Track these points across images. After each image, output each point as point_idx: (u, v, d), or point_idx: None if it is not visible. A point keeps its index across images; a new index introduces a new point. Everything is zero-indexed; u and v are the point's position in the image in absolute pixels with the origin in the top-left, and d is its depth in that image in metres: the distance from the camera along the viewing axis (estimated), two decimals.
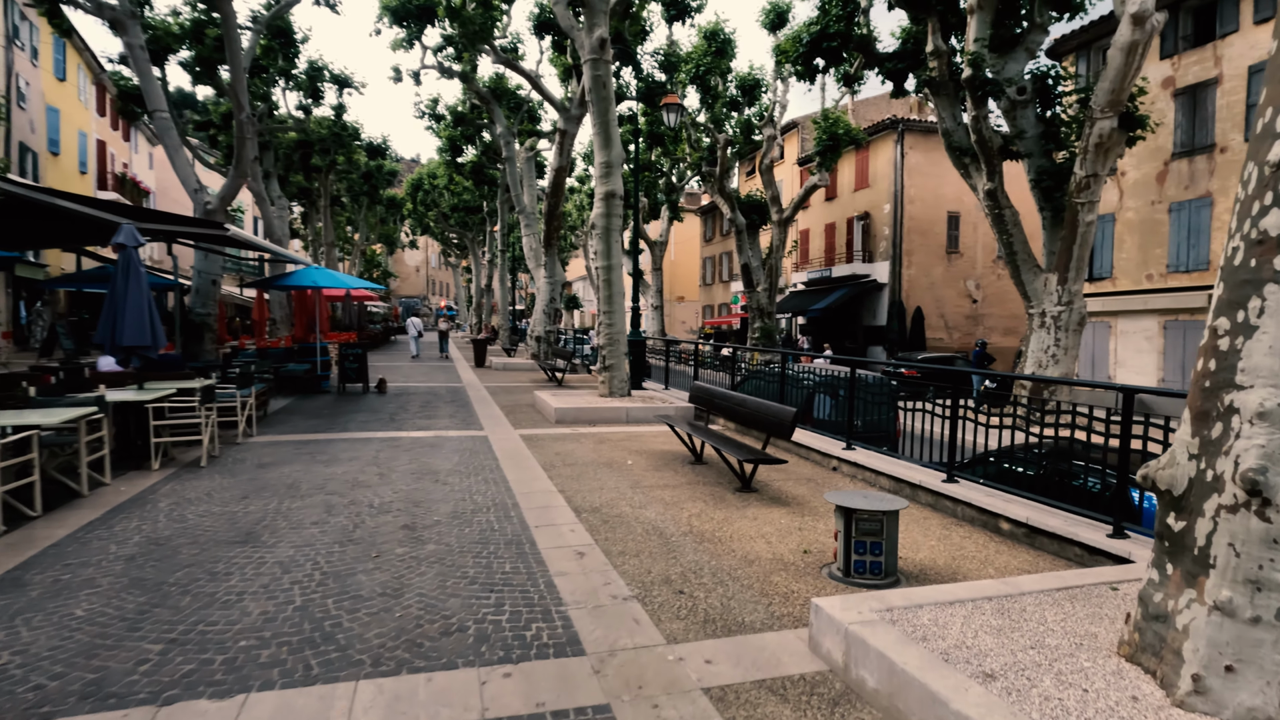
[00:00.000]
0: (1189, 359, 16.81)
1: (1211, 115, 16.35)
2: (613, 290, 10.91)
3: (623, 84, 18.79)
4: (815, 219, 33.48)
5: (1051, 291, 15.23)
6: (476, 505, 5.56)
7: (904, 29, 17.69)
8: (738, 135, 26.97)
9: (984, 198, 15.86)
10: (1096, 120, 13.57)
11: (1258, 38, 15.48)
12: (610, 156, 10.75)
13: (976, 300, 29.56)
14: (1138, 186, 17.96)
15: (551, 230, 19.57)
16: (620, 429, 9.53)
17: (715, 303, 45.62)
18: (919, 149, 28.20)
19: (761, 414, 6.25)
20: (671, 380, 13.55)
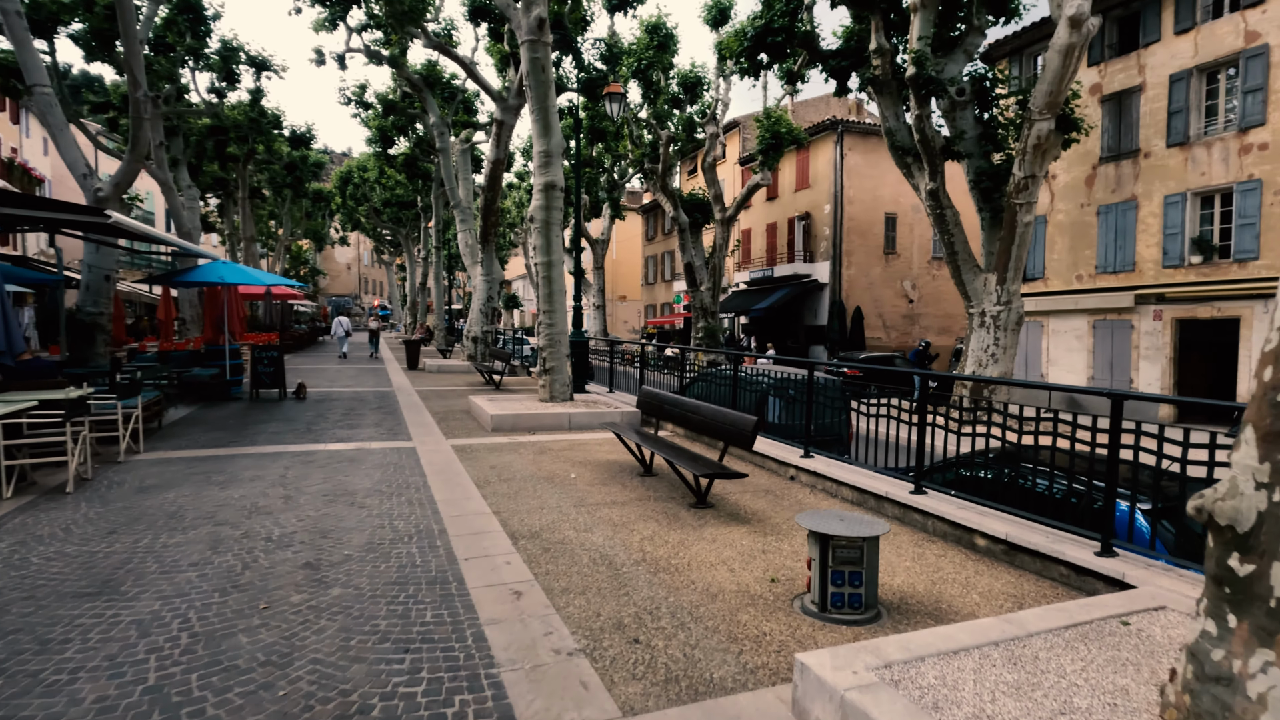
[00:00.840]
0: (1116, 357, 17.36)
1: (1136, 121, 16.89)
2: (553, 288, 10.24)
3: (563, 74, 18.08)
4: (757, 218, 33.52)
5: (991, 291, 15.39)
6: (397, 534, 4.83)
7: (846, 28, 17.62)
8: (680, 132, 26.61)
9: (926, 197, 15.90)
10: (1035, 122, 13.71)
11: (1178, 47, 16.06)
12: (549, 145, 10.07)
13: (913, 300, 30.14)
14: (1068, 190, 18.45)
15: (488, 226, 18.67)
16: (562, 437, 8.87)
17: (658, 302, 45.31)
18: (858, 150, 28.51)
19: (718, 422, 5.73)
20: (616, 383, 12.97)
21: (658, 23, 22.62)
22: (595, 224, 43.59)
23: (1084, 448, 4.36)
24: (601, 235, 34.72)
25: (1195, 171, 15.69)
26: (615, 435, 6.58)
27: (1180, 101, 15.98)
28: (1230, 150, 15.04)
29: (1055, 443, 4.58)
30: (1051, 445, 4.62)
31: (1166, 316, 16.28)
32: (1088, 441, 4.31)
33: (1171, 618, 3.16)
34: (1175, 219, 16.07)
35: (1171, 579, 3.69)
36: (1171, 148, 16.16)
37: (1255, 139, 14.63)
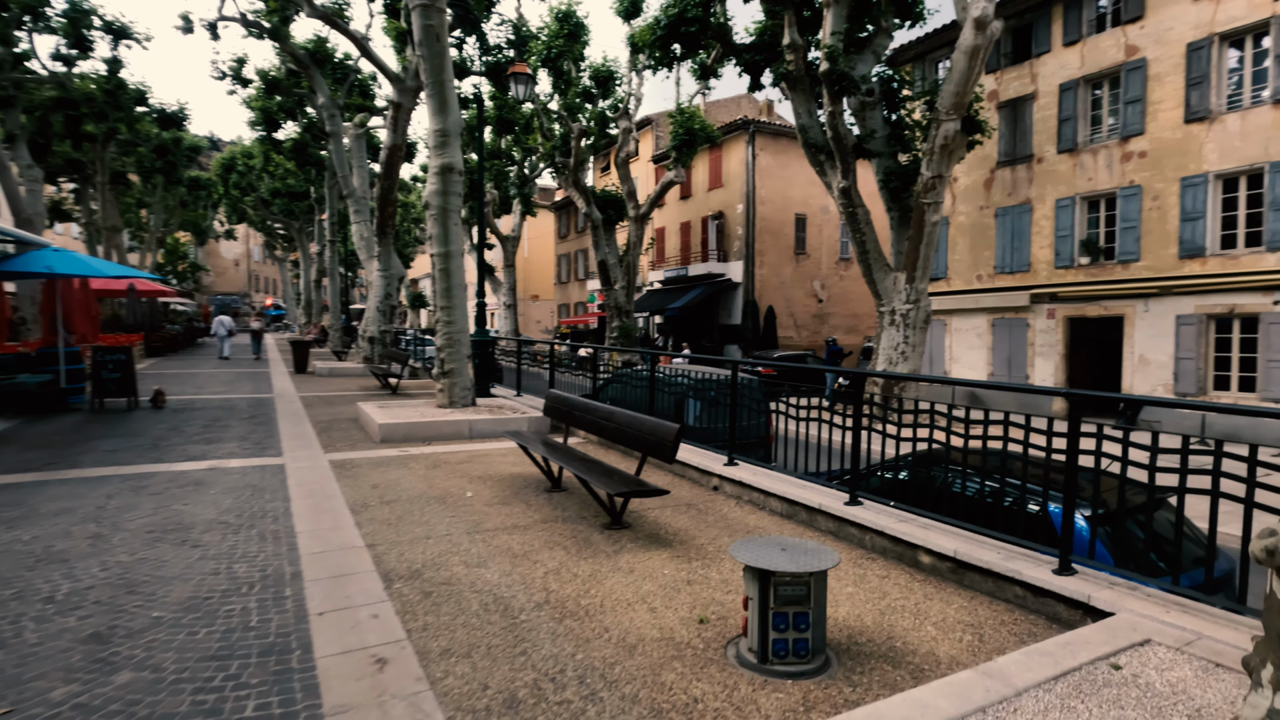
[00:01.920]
0: (1014, 354, 18.05)
1: (1030, 128, 17.61)
2: (451, 282, 9.26)
3: (466, 57, 16.95)
4: (671, 217, 33.27)
5: (901, 290, 15.54)
6: (235, 582, 3.84)
7: (759, 24, 17.43)
8: (593, 127, 25.87)
9: (839, 195, 15.89)
10: (942, 122, 13.88)
11: (1067, 58, 16.83)
12: (446, 124, 9.09)
13: (822, 300, 30.72)
14: (968, 192, 19.06)
15: (385, 217, 17.27)
16: (461, 448, 7.94)
17: (571, 301, 44.39)
18: (769, 151, 28.73)
19: (635, 430, 5.04)
20: (525, 385, 12.08)
21: (569, 11, 21.79)
22: (506, 220, 42.16)
23: (1014, 449, 3.97)
24: (512, 232, 33.48)
25: (1083, 177, 16.49)
26: (521, 447, 5.78)
27: (1069, 110, 16.76)
28: (1114, 157, 15.87)
29: (979, 443, 4.20)
30: (989, 448, 4.23)
31: (1059, 315, 17.04)
32: (1020, 441, 3.94)
33: (1162, 655, 2.72)
34: (1066, 222, 16.84)
35: (1139, 600, 3.30)
36: (1062, 154, 16.92)
37: (1135, 147, 15.48)
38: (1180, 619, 3.07)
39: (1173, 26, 14.86)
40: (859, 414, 4.93)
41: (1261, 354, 13.65)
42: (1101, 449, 3.64)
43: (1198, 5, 14.47)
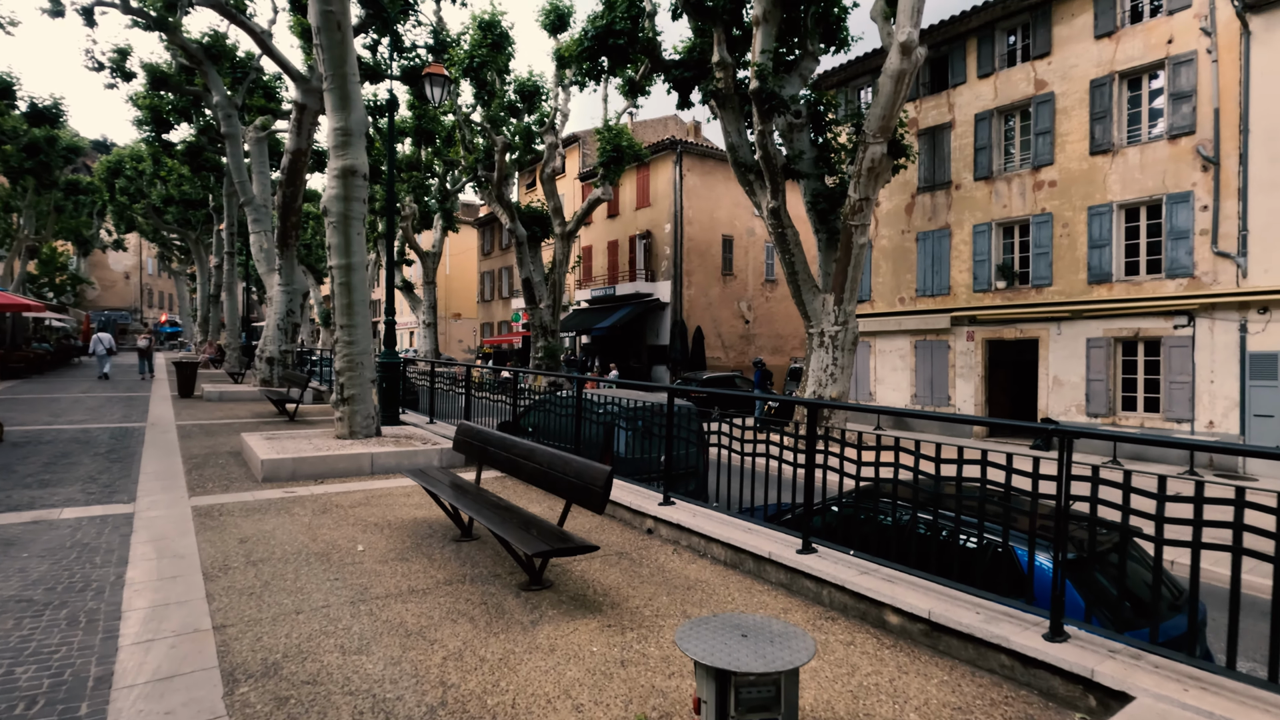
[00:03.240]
0: (936, 375, 18.36)
1: (948, 155, 18.11)
2: (353, 298, 8.26)
3: (380, 59, 15.89)
4: (598, 235, 32.75)
5: (829, 311, 15.45)
6: (7, 699, 2.84)
7: (687, 42, 17.23)
8: (518, 141, 25.09)
9: (768, 215, 15.72)
10: (869, 145, 13.91)
11: (981, 90, 17.43)
12: (349, 121, 8.16)
13: (749, 321, 30.83)
14: (890, 216, 19.41)
15: (288, 227, 15.87)
16: (359, 486, 6.95)
17: (495, 320, 43.05)
18: (696, 172, 28.73)
19: (559, 472, 4.30)
20: (440, 410, 11.08)
21: (493, 20, 21.05)
22: (426, 236, 40.59)
23: (971, 483, 3.50)
24: (433, 248, 32.08)
25: (998, 204, 17.02)
26: (427, 490, 4.92)
27: (984, 139, 17.32)
28: (1026, 186, 16.45)
29: (943, 477, 3.72)
30: (958, 483, 3.74)
31: (978, 337, 17.44)
32: (976, 479, 3.48)
33: None
34: (983, 247, 17.31)
35: (1149, 674, 2.83)
36: (978, 181, 17.44)
37: (1046, 176, 16.09)
38: (1204, 700, 2.61)
39: (1077, 64, 15.58)
40: (812, 446, 4.38)
41: (1164, 376, 14.26)
42: (1069, 486, 3.19)
43: (1099, 44, 15.23)
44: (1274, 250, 12.72)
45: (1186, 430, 13.77)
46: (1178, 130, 13.97)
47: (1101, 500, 3.03)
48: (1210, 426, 13.52)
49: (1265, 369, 12.82)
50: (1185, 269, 13.83)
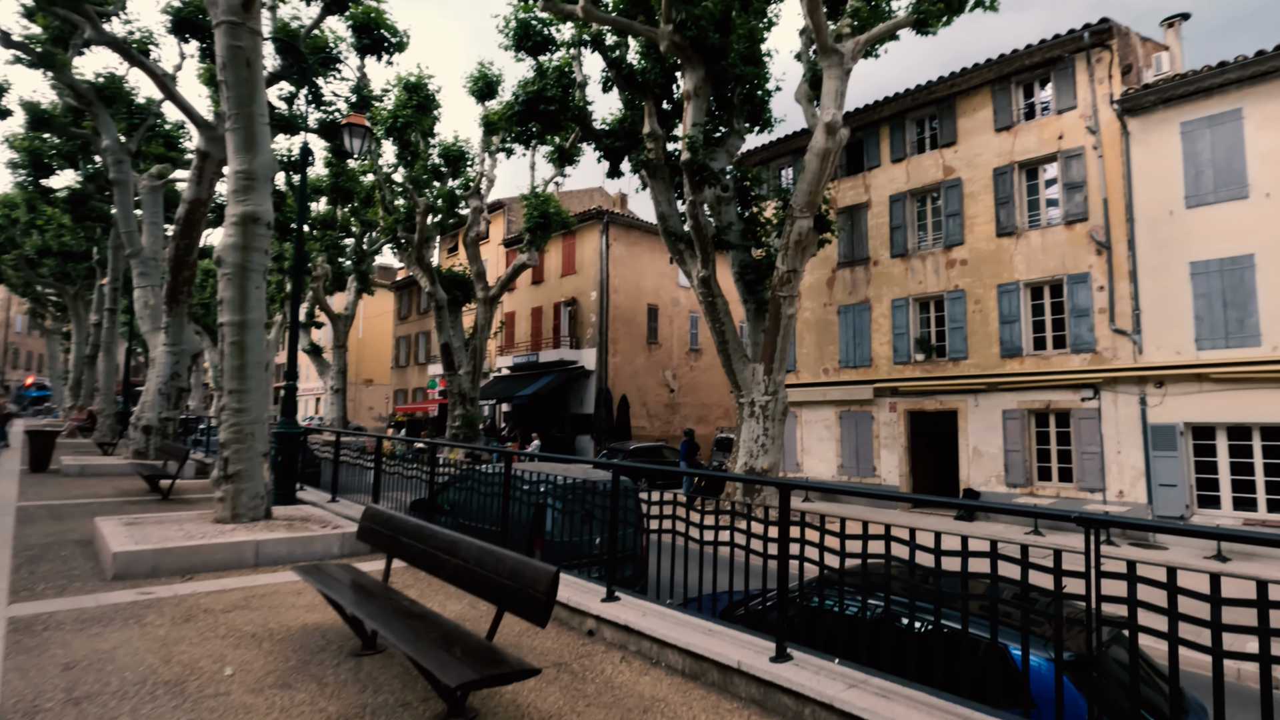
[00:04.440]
0: (861, 446, 18.47)
1: (866, 233, 18.86)
2: (247, 359, 7.25)
3: (296, 111, 15.13)
4: (522, 301, 32.17)
5: (759, 381, 15.31)
6: None
7: (619, 114, 17.44)
8: (441, 205, 24.53)
9: (698, 284, 15.66)
10: (796, 219, 14.18)
11: (895, 173, 18.41)
12: (253, 165, 7.36)
13: (674, 390, 30.66)
14: (812, 289, 19.87)
15: (179, 282, 14.45)
16: (239, 582, 5.81)
17: (410, 386, 41.11)
18: (622, 242, 28.91)
19: (489, 570, 3.53)
20: (346, 485, 9.88)
21: (419, 82, 20.76)
22: (339, 297, 38.83)
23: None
24: (346, 310, 30.48)
25: (914, 280, 17.71)
26: (323, 594, 4.00)
27: (899, 219, 18.17)
28: (940, 263, 17.23)
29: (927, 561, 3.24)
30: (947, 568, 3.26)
31: (900, 409, 17.76)
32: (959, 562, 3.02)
33: None
34: (902, 321, 17.87)
35: None
36: (895, 258, 18.17)
37: (957, 255, 16.92)
38: None
39: (980, 153, 16.72)
40: (785, 533, 3.82)
41: (1075, 447, 14.80)
42: (1099, 582, 2.76)
43: (999, 136, 16.43)
44: (1164, 329, 13.63)
45: (1099, 500, 14.21)
46: (1073, 216, 15.03)
47: (1143, 603, 2.60)
48: (1120, 496, 14.00)
49: (1165, 440, 13.49)
50: (1088, 345, 14.61)
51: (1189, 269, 13.37)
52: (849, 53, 13.13)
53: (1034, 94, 16.13)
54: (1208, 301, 13.11)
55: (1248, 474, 12.73)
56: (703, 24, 13.32)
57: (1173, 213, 13.64)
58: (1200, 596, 2.45)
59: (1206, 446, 13.20)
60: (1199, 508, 13.15)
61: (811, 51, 15.32)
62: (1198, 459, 13.28)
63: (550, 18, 15.65)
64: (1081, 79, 15.06)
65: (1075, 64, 15.17)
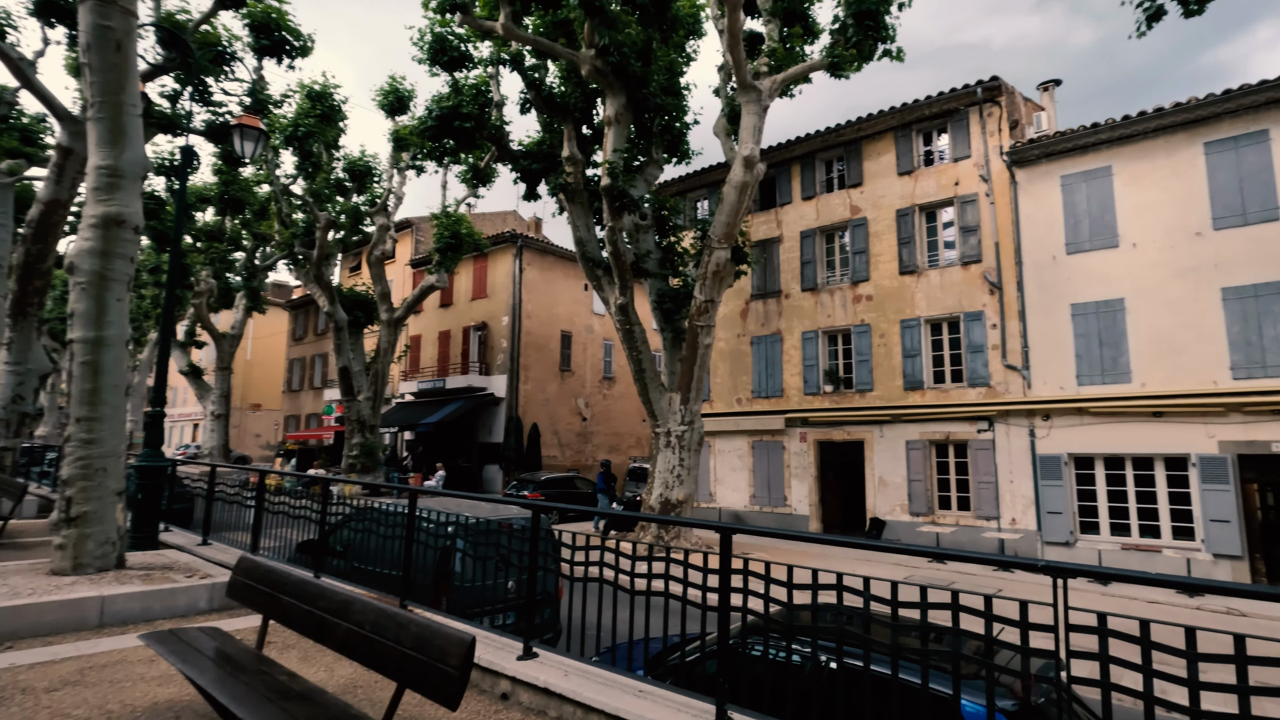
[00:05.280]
0: (773, 475, 18.65)
1: (778, 267, 19.32)
2: (101, 382, 6.27)
3: (180, 110, 13.84)
4: (429, 325, 30.87)
5: (676, 411, 15.17)
6: None
7: (537, 136, 17.12)
8: (344, 221, 23.26)
9: (616, 312, 15.41)
10: (714, 250, 14.27)
11: (805, 210, 19.02)
12: (120, 160, 6.47)
13: (586, 418, 30.15)
14: (726, 320, 20.09)
15: (29, 292, 12.73)
16: (75, 650, 4.86)
17: (303, 412, 38.42)
18: (536, 266, 28.40)
19: (389, 637, 2.98)
20: (222, 524, 8.77)
21: (324, 91, 19.67)
22: (225, 315, 36.00)
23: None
24: (233, 329, 28.18)
25: (823, 314, 18.24)
26: (174, 665, 3.29)
27: (810, 254, 18.73)
28: (847, 298, 17.83)
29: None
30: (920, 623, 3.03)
31: (810, 439, 18.09)
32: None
33: None
34: (811, 353, 18.31)
35: None
36: (805, 292, 18.67)
37: (863, 291, 17.58)
38: None
39: (884, 195, 17.54)
40: (727, 577, 3.49)
41: (972, 476, 15.50)
42: (1068, 636, 2.60)
43: (901, 180, 17.31)
44: (1050, 365, 14.59)
45: (995, 527, 14.88)
46: (968, 258, 15.95)
47: (1115, 659, 2.43)
48: (1013, 523, 14.72)
49: (1052, 470, 14.34)
50: (983, 379, 15.42)
51: (1070, 310, 14.41)
52: (766, 90, 13.45)
53: (933, 142, 17.14)
54: (1087, 341, 14.15)
55: (1122, 501, 13.69)
56: (625, 51, 13.29)
57: (1055, 258, 14.72)
58: (1129, 638, 2.31)
59: (1087, 476, 14.12)
60: (1081, 534, 14.00)
61: (730, 87, 15.65)
62: (1080, 488, 14.18)
63: (469, 33, 15.21)
64: (975, 130, 16.14)
65: (969, 116, 16.26)
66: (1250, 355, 12.43)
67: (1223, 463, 12.49)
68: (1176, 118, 13.41)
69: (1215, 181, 13.06)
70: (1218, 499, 12.46)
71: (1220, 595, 1.80)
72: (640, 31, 14.04)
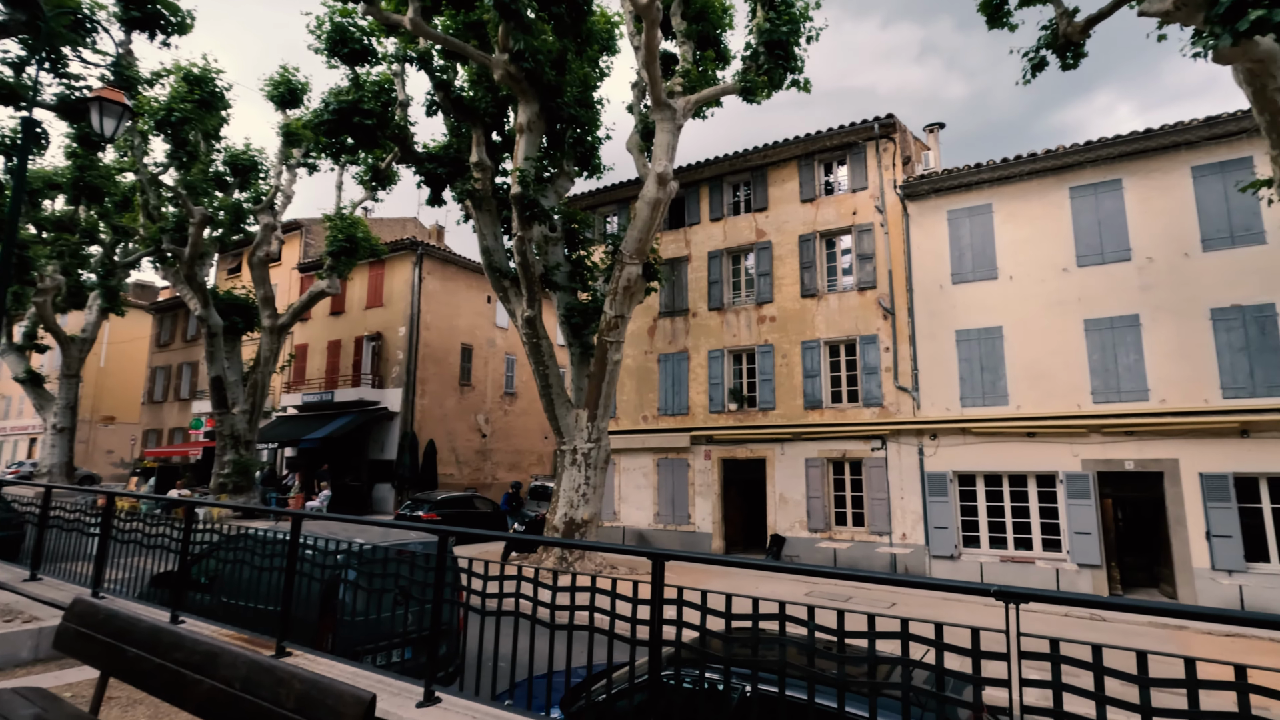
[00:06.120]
0: (677, 493, 18.64)
1: (686, 286, 19.50)
2: None
3: (26, 79, 12.18)
4: (317, 333, 28.89)
5: (583, 428, 14.83)
6: None
7: (445, 139, 16.45)
8: (223, 218, 21.40)
9: (523, 325, 14.93)
10: (626, 265, 14.14)
11: (713, 231, 19.35)
12: None
13: (486, 435, 29.16)
14: (634, 337, 20.01)
15: None
16: None
17: (166, 426, 34.84)
18: (437, 276, 27.30)
19: (266, 699, 2.48)
20: (59, 554, 7.52)
21: (204, 75, 18.05)
22: (76, 316, 32.15)
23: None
24: (83, 332, 25.21)
25: (729, 333, 18.54)
26: None
27: (717, 274, 19.03)
28: (752, 319, 18.22)
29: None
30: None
31: (714, 456, 18.24)
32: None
33: None
34: (717, 371, 18.53)
35: None
36: (712, 311, 18.93)
37: (767, 312, 18.02)
38: None
39: (788, 220, 18.13)
40: (658, 609, 3.22)
41: (866, 493, 16.11)
42: (1020, 665, 2.53)
43: (804, 207, 17.97)
44: (937, 387, 15.45)
45: (887, 542, 15.51)
46: (864, 284, 16.71)
47: (1069, 687, 2.36)
48: (904, 538, 15.39)
49: (938, 487, 15.14)
50: (877, 399, 16.12)
51: (955, 336, 15.36)
52: (681, 110, 13.55)
53: (833, 172, 17.93)
54: (970, 365, 15.12)
55: (1000, 516, 14.64)
56: (540, 58, 13.00)
57: (943, 287, 15.68)
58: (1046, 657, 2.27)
59: (969, 492, 15.01)
60: (965, 547, 14.83)
61: (644, 105, 15.70)
62: (963, 503, 15.04)
63: (372, 26, 14.41)
64: (872, 164, 17.02)
65: (867, 150, 17.14)
66: (1108, 381, 13.68)
67: (1085, 479, 13.62)
68: (1047, 163, 14.70)
69: (1079, 223, 14.38)
70: (1081, 513, 13.56)
71: (1212, 622, 1.83)
72: (556, 41, 13.81)
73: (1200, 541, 12.50)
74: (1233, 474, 12.40)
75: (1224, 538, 12.33)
